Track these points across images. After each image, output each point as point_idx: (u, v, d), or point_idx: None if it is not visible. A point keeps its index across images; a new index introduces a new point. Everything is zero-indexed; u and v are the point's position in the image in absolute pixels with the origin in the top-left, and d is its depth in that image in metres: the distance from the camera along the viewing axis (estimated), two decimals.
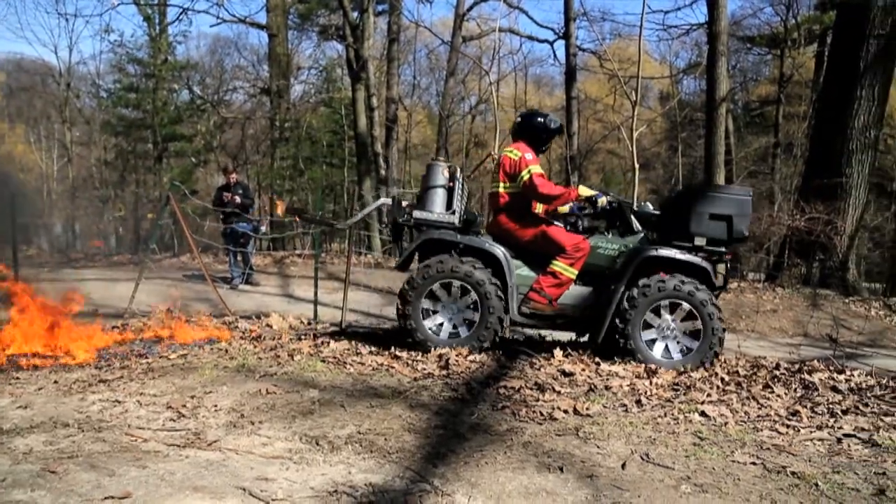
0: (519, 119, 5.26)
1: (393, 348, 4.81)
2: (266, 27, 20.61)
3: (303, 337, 5.36)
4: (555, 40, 22.55)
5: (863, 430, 3.20)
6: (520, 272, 4.92)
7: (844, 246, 11.42)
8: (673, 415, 3.32)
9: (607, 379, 4.03)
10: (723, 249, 4.84)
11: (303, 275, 10.49)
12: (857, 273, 13.33)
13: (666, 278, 4.61)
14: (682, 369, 4.42)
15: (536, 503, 2.26)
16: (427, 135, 31.69)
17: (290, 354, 4.53)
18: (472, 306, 4.77)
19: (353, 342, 5.09)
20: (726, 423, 3.23)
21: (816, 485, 2.46)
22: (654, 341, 4.67)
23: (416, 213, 5.01)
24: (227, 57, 29.86)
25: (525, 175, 4.86)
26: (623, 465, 2.60)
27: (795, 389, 4.02)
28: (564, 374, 4.12)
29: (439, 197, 5.03)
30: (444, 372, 4.13)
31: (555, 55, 42.11)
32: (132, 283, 7.07)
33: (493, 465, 2.58)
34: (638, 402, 3.55)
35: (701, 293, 4.58)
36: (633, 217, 4.99)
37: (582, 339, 5.33)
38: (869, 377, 4.53)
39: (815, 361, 5.02)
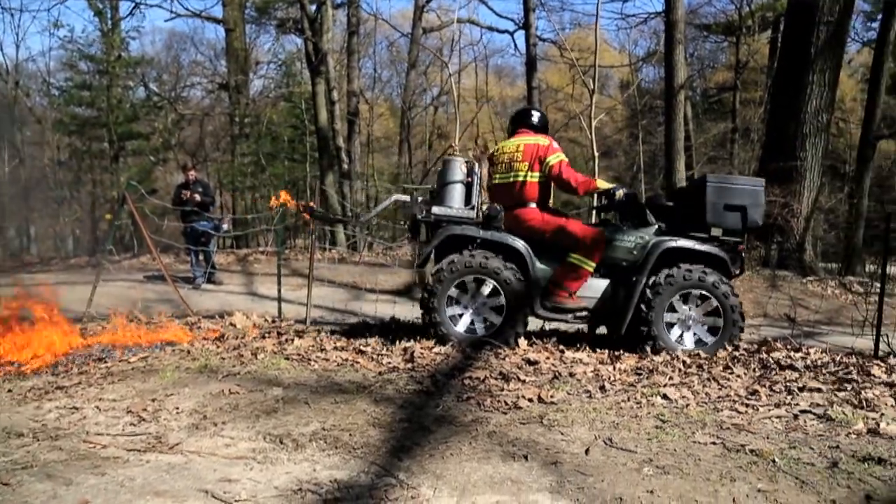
0: (540, 114, 5.34)
1: (358, 343, 4.78)
2: (222, 21, 20.27)
3: (266, 335, 5.30)
4: (515, 31, 22.68)
5: (818, 405, 3.29)
6: (538, 266, 4.92)
7: (801, 228, 11.70)
8: (636, 399, 3.37)
9: (571, 366, 4.07)
10: (738, 239, 4.93)
11: (266, 272, 10.38)
12: (814, 254, 13.69)
13: (691, 268, 4.71)
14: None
15: (502, 492, 2.27)
16: (389, 128, 31.52)
17: (253, 353, 4.47)
18: (495, 301, 4.77)
19: (318, 338, 5.06)
20: (688, 405, 3.28)
21: (774, 461, 2.52)
22: (673, 328, 4.77)
23: (435, 209, 4.96)
24: (184, 52, 29.29)
25: (553, 160, 4.90)
26: (587, 451, 2.63)
27: (754, 369, 4.11)
28: (529, 362, 4.15)
29: (458, 192, 5.01)
30: (409, 365, 4.12)
31: (515, 45, 42.27)
32: (90, 286, 6.90)
33: (458, 457, 2.59)
34: (602, 387, 3.59)
35: (722, 284, 4.70)
36: (646, 209, 5.06)
37: (600, 332, 5.39)
38: (824, 354, 4.66)
39: (776, 341, 5.14)
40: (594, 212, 5.16)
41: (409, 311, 6.62)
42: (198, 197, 9.55)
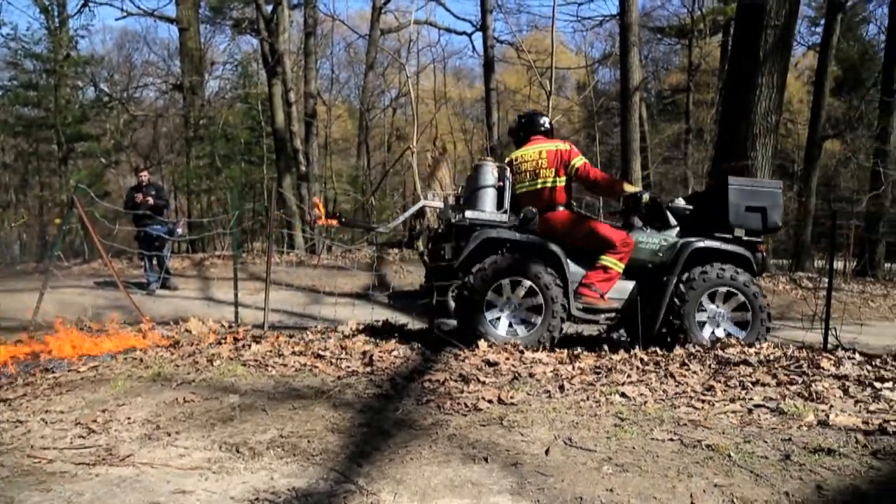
0: (547, 118, 5.45)
1: (316, 347, 4.72)
2: (176, 21, 19.88)
3: (223, 341, 5.19)
4: (472, 32, 22.80)
5: (771, 399, 3.36)
6: (572, 268, 4.99)
7: None
8: (595, 398, 3.39)
9: (531, 366, 4.08)
10: (759, 239, 5.12)
11: (223, 276, 10.19)
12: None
13: (724, 267, 4.89)
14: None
15: (462, 495, 2.26)
16: (348, 129, 31.32)
17: (209, 360, 4.37)
18: (531, 303, 4.82)
19: (276, 343, 4.97)
20: (646, 403, 3.32)
21: (729, 455, 2.56)
22: (703, 326, 4.93)
23: (469, 214, 4.99)
24: (136, 52, 28.64)
25: (578, 162, 5.06)
26: (547, 451, 2.63)
27: (710, 365, 4.18)
28: (489, 364, 4.15)
29: (490, 196, 5.05)
30: (368, 369, 4.08)
31: (473, 47, 42.53)
32: (37, 293, 6.67)
33: (418, 460, 2.56)
34: (561, 387, 3.60)
35: (751, 283, 4.90)
36: (667, 212, 5.20)
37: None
38: (776, 349, 4.76)
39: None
40: (614, 215, 5.27)
41: (368, 314, 6.57)
42: (150, 200, 9.32)
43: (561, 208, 5.08)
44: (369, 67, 21.77)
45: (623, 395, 3.44)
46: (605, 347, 4.92)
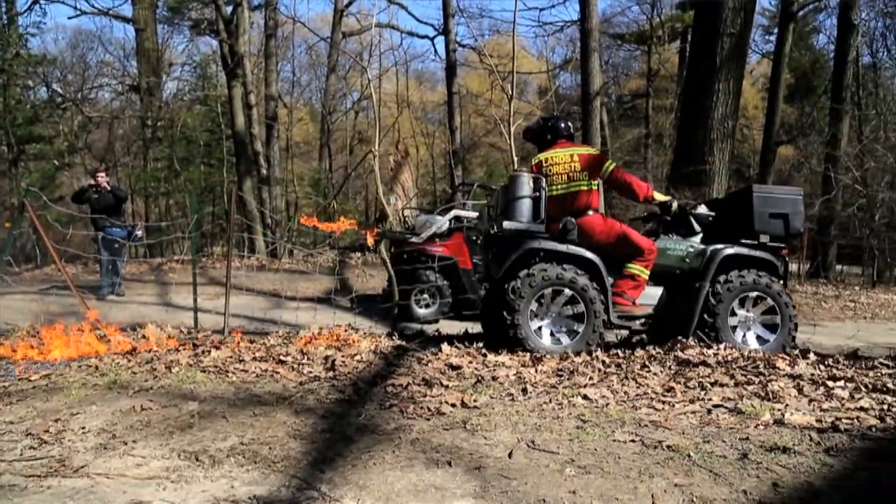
0: (570, 123, 5.55)
1: (278, 353, 4.66)
2: (132, 21, 19.48)
3: (181, 347, 5.09)
4: (435, 36, 22.81)
5: (729, 399, 3.42)
6: (608, 275, 5.10)
7: None
8: (557, 400, 3.41)
9: (494, 370, 4.09)
10: (782, 245, 5.30)
11: (182, 281, 9.98)
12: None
13: (760, 273, 5.08)
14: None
15: (426, 500, 2.25)
16: (309, 132, 31.06)
17: (167, 366, 4.27)
18: (572, 311, 4.91)
19: (236, 349, 4.89)
20: (607, 404, 3.35)
21: (689, 455, 2.60)
22: (734, 330, 5.07)
23: (506, 224, 5.06)
24: (91, 52, 27.89)
25: (610, 166, 5.17)
26: (510, 454, 2.64)
27: (670, 367, 4.25)
28: (452, 367, 4.14)
29: (526, 207, 5.11)
30: (330, 374, 4.04)
31: (435, 51, 42.61)
32: None
33: (381, 466, 2.54)
34: (524, 390, 3.62)
35: (778, 287, 5.10)
36: (691, 219, 5.36)
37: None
38: (734, 350, 4.86)
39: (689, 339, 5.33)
40: (635, 221, 5.38)
41: (330, 319, 6.52)
42: (107, 185, 9.02)
43: (592, 212, 5.17)
44: (331, 70, 21.64)
45: (585, 397, 3.47)
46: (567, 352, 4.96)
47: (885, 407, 3.28)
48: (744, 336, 5.12)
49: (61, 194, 20.04)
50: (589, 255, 5.01)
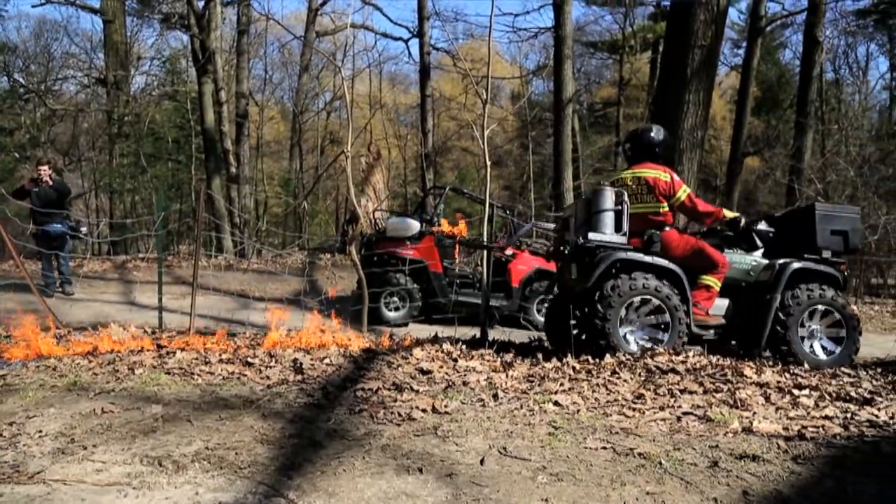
0: (651, 136, 5.65)
1: (245, 355, 4.57)
2: (100, 12, 19.07)
3: (145, 348, 4.96)
4: (409, 38, 22.75)
5: (698, 407, 3.45)
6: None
7: None
8: (529, 406, 3.40)
9: (465, 375, 4.07)
10: (842, 260, 5.58)
11: (147, 280, 9.78)
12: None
13: (824, 287, 5.35)
14: (832, 367, 4.97)
15: None
16: (280, 131, 30.77)
17: (130, 368, 4.16)
18: (656, 320, 5.10)
19: (202, 351, 4.79)
20: (578, 411, 3.34)
21: (660, 463, 2.60)
22: (802, 341, 5.31)
23: (592, 236, 5.26)
24: (56, 42, 27.16)
25: (682, 195, 5.37)
26: (482, 461, 2.61)
27: (640, 374, 4.27)
28: (423, 372, 4.11)
29: (609, 220, 5.30)
30: (299, 377, 3.97)
31: (409, 53, 42.57)
32: None
33: (350, 472, 2.49)
34: (495, 396, 3.60)
35: (842, 300, 5.39)
36: (753, 234, 5.62)
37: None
38: (702, 357, 4.91)
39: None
40: (696, 235, 5.83)
41: (299, 321, 6.42)
42: (49, 179, 8.76)
43: (668, 228, 5.40)
44: (304, 69, 21.47)
45: (556, 403, 3.46)
46: (539, 356, 4.96)
47: (849, 415, 3.33)
48: (811, 347, 5.36)
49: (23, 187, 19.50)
50: (673, 266, 5.25)
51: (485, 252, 7.00)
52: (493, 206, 8.38)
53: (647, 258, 5.23)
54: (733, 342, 5.81)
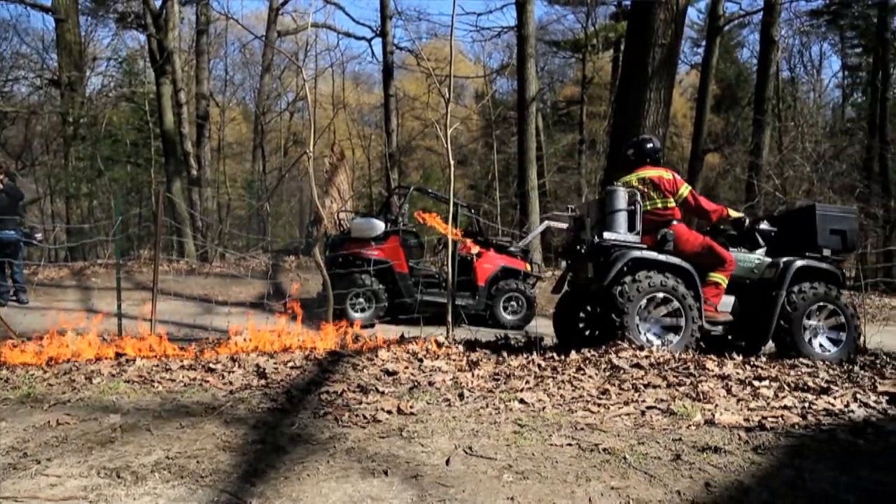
0: (649, 146, 5.88)
1: (207, 360, 4.48)
2: (51, 10, 18.52)
3: (103, 356, 4.84)
4: (372, 38, 22.64)
5: (662, 401, 3.48)
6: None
7: None
8: (494, 405, 3.40)
9: (430, 375, 4.05)
10: (840, 258, 5.80)
11: (105, 286, 9.56)
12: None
13: (820, 285, 5.56)
14: (834, 361, 5.19)
15: None
16: (243, 133, 30.37)
17: (87, 377, 4.05)
18: (670, 315, 5.24)
19: (163, 357, 4.69)
20: (544, 408, 3.35)
21: (625, 458, 2.62)
22: (806, 337, 5.51)
23: (607, 235, 5.40)
24: (5, 42, 26.30)
25: (685, 191, 5.60)
26: (447, 461, 2.60)
27: (604, 369, 4.30)
28: (388, 373, 4.08)
29: (623, 219, 5.46)
30: (262, 382, 3.91)
31: (373, 53, 42.41)
32: None
33: (315, 477, 2.46)
34: (461, 395, 3.59)
35: (844, 298, 5.61)
36: (756, 234, 5.82)
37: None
38: (666, 352, 4.97)
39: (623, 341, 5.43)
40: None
41: (263, 324, 6.34)
42: (0, 184, 8.50)
43: (676, 222, 5.57)
44: (265, 70, 21.20)
45: (522, 401, 3.46)
46: (504, 354, 4.98)
47: (807, 405, 3.41)
48: (814, 343, 5.55)
49: None
50: (685, 264, 5.40)
51: (450, 251, 7.00)
52: (457, 205, 8.39)
53: (662, 257, 5.39)
54: (742, 343, 5.99)
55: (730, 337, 5.90)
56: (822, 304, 5.55)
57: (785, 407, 3.36)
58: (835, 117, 30.70)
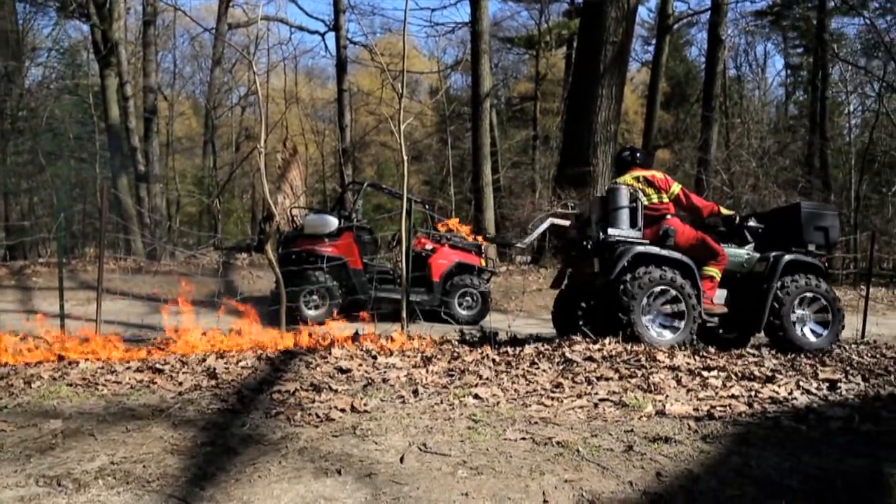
0: (639, 153, 6.25)
1: (155, 361, 4.36)
2: None
3: (44, 359, 4.66)
4: (325, 32, 22.41)
5: (614, 393, 3.53)
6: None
7: None
8: (449, 401, 3.39)
9: (385, 372, 4.02)
10: (823, 253, 6.23)
11: (47, 286, 9.23)
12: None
13: (806, 277, 5.84)
14: (822, 349, 5.53)
15: None
16: (193, 127, 29.69)
17: (26, 381, 3.89)
18: (671, 309, 5.42)
19: (108, 359, 4.54)
20: (498, 403, 3.36)
21: (578, 450, 2.64)
22: (795, 326, 5.78)
23: (611, 231, 5.59)
24: None
25: (676, 189, 5.88)
26: (401, 459, 2.58)
27: (558, 363, 4.34)
28: (341, 371, 4.03)
29: (626, 216, 5.67)
30: (212, 382, 3.82)
31: (326, 47, 41.95)
32: None
33: (266, 478, 2.41)
34: (415, 391, 3.57)
35: (827, 288, 5.92)
36: (745, 230, 6.07)
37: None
38: (618, 345, 5.05)
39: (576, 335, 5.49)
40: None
41: (213, 322, 6.21)
42: None
43: (670, 216, 5.81)
44: (216, 63, 20.75)
45: (476, 396, 3.47)
46: (459, 349, 4.98)
47: (753, 393, 3.51)
48: (802, 331, 5.83)
49: None
50: (685, 259, 5.61)
51: (404, 246, 6.97)
52: (411, 200, 8.35)
53: (664, 252, 5.58)
54: (731, 335, 6.23)
55: (720, 330, 6.09)
56: (809, 294, 5.84)
57: (732, 396, 3.45)
58: (778, 114, 31.70)
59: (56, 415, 3.23)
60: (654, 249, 5.57)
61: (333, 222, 8.88)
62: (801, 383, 3.76)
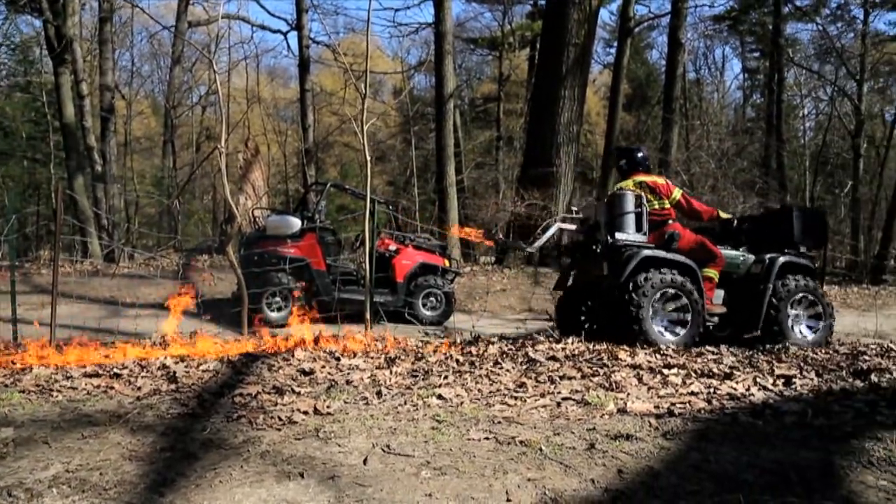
0: (640, 155, 6.34)
1: (112, 366, 4.26)
2: None
3: None
4: (288, 31, 22.22)
5: (577, 391, 3.57)
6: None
7: None
8: (412, 402, 3.39)
9: (348, 373, 4.00)
10: (813, 254, 6.47)
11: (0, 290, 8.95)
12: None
13: (800, 278, 6.06)
14: (813, 347, 5.69)
15: None
16: (152, 127, 29.12)
17: None
18: (678, 309, 5.61)
19: (63, 364, 4.42)
20: (462, 403, 3.37)
21: (541, 449, 2.66)
22: (790, 324, 6.00)
23: (619, 235, 5.78)
24: None
25: (677, 194, 6.09)
26: (365, 461, 2.57)
27: (521, 363, 4.37)
28: (304, 373, 4.00)
29: (631, 221, 5.84)
30: (172, 387, 3.75)
31: (288, 46, 41.59)
32: None
33: (228, 483, 2.38)
34: (378, 393, 3.56)
35: (819, 288, 6.17)
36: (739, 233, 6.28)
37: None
38: (581, 344, 5.11)
39: (540, 334, 5.54)
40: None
41: (174, 326, 6.09)
42: None
43: (671, 222, 6.00)
44: (175, 62, 20.41)
45: (440, 396, 3.47)
46: (422, 350, 4.97)
47: (712, 390, 3.58)
48: (796, 329, 6.01)
49: None
50: (690, 262, 5.79)
51: (367, 247, 6.94)
52: (375, 201, 8.32)
53: (670, 255, 5.78)
54: (726, 333, 6.35)
55: (711, 328, 6.23)
56: (802, 294, 6.06)
57: (692, 393, 3.51)
58: (736, 117, 32.41)
59: (7, 422, 3.13)
60: (661, 253, 5.76)
61: (296, 223, 8.79)
62: (757, 380, 3.85)
